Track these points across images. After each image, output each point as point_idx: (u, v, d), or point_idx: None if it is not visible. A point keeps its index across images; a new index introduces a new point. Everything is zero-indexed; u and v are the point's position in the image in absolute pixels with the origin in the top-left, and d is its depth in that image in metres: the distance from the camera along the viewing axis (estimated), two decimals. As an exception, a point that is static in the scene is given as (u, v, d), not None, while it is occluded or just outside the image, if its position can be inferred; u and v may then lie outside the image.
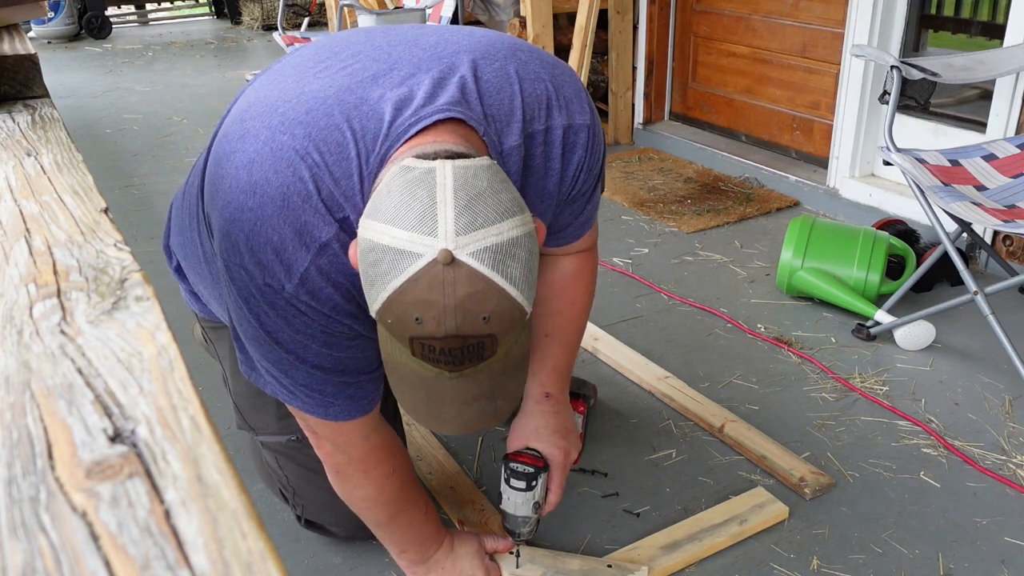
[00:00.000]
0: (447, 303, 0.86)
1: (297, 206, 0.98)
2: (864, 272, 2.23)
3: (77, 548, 0.35)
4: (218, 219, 1.03)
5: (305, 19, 6.22)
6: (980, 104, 2.63)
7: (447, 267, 0.85)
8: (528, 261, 0.91)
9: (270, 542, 0.36)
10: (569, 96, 1.12)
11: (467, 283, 0.86)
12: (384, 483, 1.25)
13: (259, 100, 1.07)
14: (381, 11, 4.03)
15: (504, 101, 1.07)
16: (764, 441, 1.74)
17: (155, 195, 3.36)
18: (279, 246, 0.99)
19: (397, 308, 0.87)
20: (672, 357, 2.10)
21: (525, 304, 0.90)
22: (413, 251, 0.86)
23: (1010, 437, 1.78)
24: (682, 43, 3.67)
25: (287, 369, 1.08)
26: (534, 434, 1.38)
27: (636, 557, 1.46)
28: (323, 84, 1.05)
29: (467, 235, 0.86)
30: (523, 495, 1.35)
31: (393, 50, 1.09)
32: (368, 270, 0.89)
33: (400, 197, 0.89)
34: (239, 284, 1.03)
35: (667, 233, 2.86)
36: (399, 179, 0.91)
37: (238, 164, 1.01)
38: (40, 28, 6.96)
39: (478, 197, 0.88)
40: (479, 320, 0.87)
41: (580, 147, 1.13)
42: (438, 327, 0.87)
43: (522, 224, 0.91)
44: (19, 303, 0.56)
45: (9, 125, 1.02)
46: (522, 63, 1.10)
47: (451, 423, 0.99)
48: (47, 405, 0.45)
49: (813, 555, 1.49)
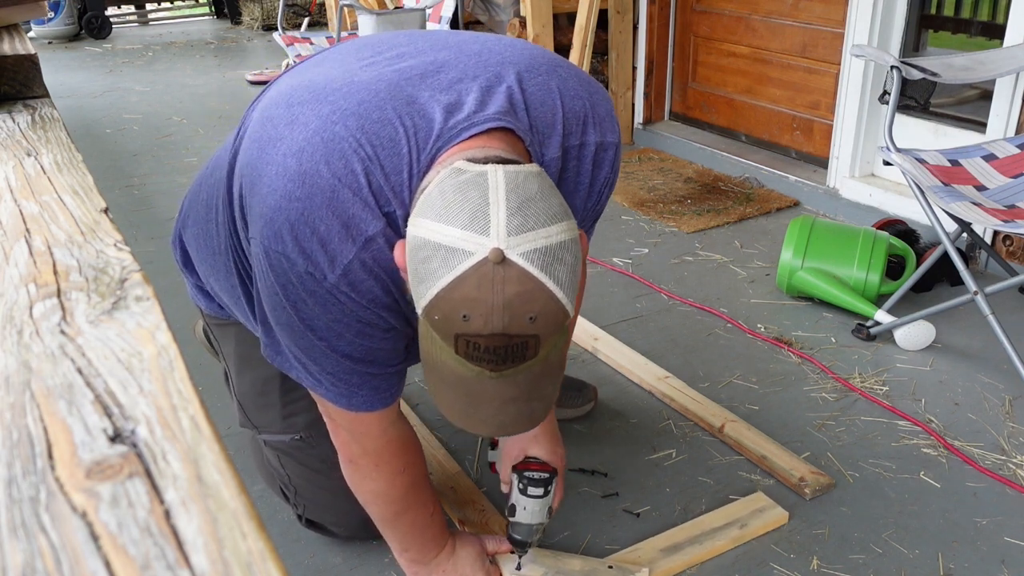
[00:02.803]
0: (496, 301, 0.87)
1: (347, 199, 0.99)
2: (864, 272, 2.23)
3: (77, 548, 0.35)
4: (260, 205, 1.03)
5: (305, 19, 6.21)
6: (980, 104, 2.63)
7: (497, 266, 0.86)
8: (574, 266, 0.92)
9: (270, 542, 0.36)
10: (603, 115, 1.16)
11: (516, 283, 0.87)
12: (395, 479, 1.25)
13: (304, 85, 1.07)
14: (381, 11, 4.02)
15: (547, 114, 1.09)
16: (764, 441, 1.74)
17: (155, 195, 3.36)
18: (325, 237, 0.99)
19: (445, 305, 0.88)
20: (672, 357, 2.10)
21: (569, 308, 0.92)
22: (465, 249, 0.87)
23: (1010, 437, 1.78)
24: (682, 43, 3.67)
25: (317, 357, 1.09)
26: (532, 442, 1.39)
27: (636, 559, 1.46)
28: (372, 76, 1.06)
29: (518, 236, 0.88)
30: (540, 502, 1.36)
31: (438, 54, 1.10)
32: (418, 267, 0.91)
33: (453, 196, 0.90)
34: (278, 271, 1.03)
35: (667, 233, 2.86)
36: (451, 180, 0.92)
37: (286, 151, 1.01)
38: (40, 28, 6.96)
39: (529, 201, 0.90)
40: (526, 320, 0.89)
41: (608, 164, 1.17)
42: (485, 325, 0.88)
43: (569, 230, 0.92)
44: (19, 303, 0.56)
45: (9, 125, 1.02)
46: (563, 79, 1.13)
47: (488, 424, 0.99)
48: (47, 405, 0.45)
49: (813, 555, 1.49)
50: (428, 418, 1.89)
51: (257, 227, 1.04)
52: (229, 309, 1.36)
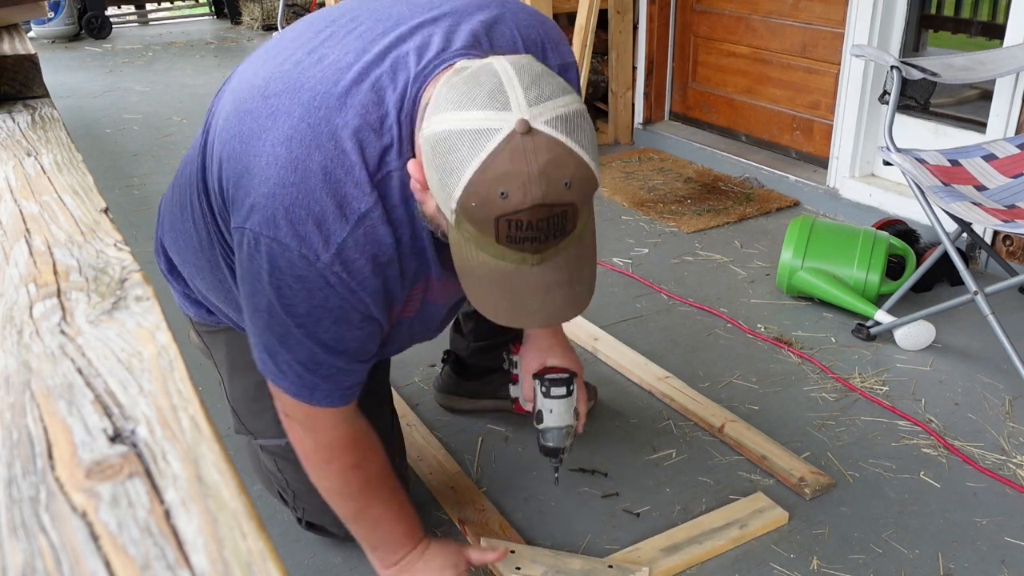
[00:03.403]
0: (531, 171, 0.88)
1: (340, 178, 1.02)
2: (864, 272, 2.23)
3: (77, 548, 0.35)
4: (252, 195, 1.04)
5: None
6: (980, 104, 2.63)
7: (526, 136, 0.88)
8: (592, 134, 0.94)
9: (270, 542, 0.36)
10: (556, 38, 1.21)
11: (547, 150, 0.89)
12: (347, 474, 1.25)
13: (275, 76, 1.09)
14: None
15: (508, 45, 1.13)
16: (764, 441, 1.74)
17: (155, 195, 3.36)
18: (320, 217, 1.02)
19: (481, 187, 0.89)
20: (672, 357, 2.10)
21: (597, 173, 0.94)
22: (491, 127, 0.89)
23: (1010, 437, 1.78)
24: (682, 43, 3.67)
25: (290, 344, 1.10)
26: (548, 351, 1.45)
27: (636, 559, 1.46)
28: (338, 53, 1.08)
29: (539, 105, 0.90)
30: (564, 402, 1.40)
31: (392, 10, 1.13)
32: (444, 160, 0.92)
33: (465, 87, 0.92)
34: (268, 255, 1.04)
35: (667, 233, 2.86)
36: (456, 77, 0.95)
37: (274, 140, 1.03)
38: (40, 28, 6.95)
39: (540, 76, 0.93)
40: (562, 185, 0.90)
41: (574, 83, 1.21)
42: (524, 197, 0.89)
43: (579, 101, 0.95)
44: (19, 303, 0.56)
45: (9, 125, 1.02)
46: (513, 12, 1.17)
47: (537, 315, 1.01)
48: (47, 405, 0.45)
49: (813, 555, 1.49)
50: (428, 418, 1.89)
51: (244, 215, 1.06)
52: (219, 312, 1.36)
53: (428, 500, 1.64)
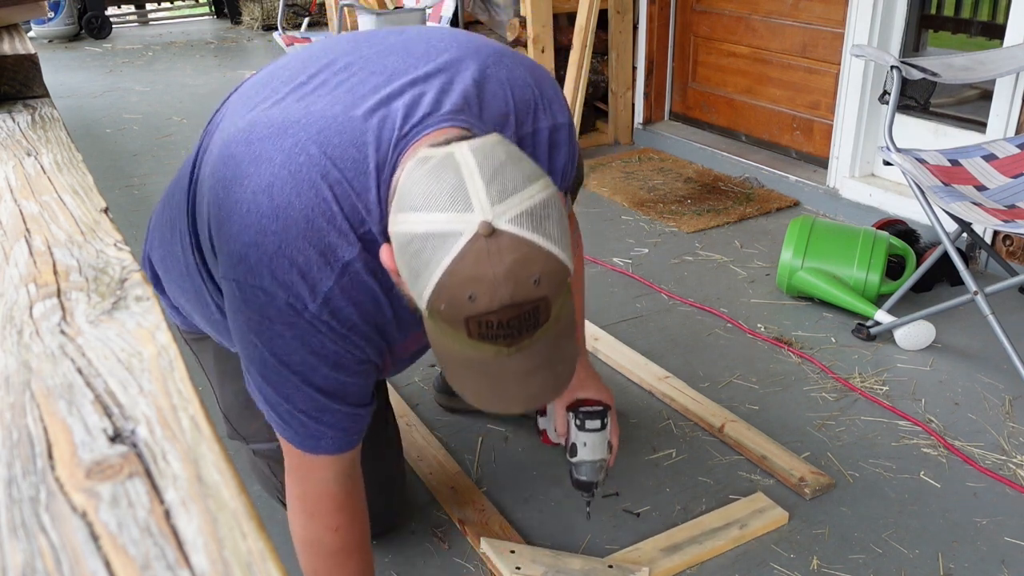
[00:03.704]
0: (497, 273, 0.86)
1: (322, 227, 0.99)
2: (864, 272, 2.23)
3: (77, 548, 0.35)
4: (232, 243, 1.02)
5: (305, 19, 6.21)
6: (980, 104, 2.63)
7: (490, 238, 0.86)
8: (560, 220, 0.92)
9: (270, 542, 0.36)
10: (551, 96, 1.16)
11: (512, 249, 0.87)
12: (324, 534, 1.20)
13: (262, 120, 1.06)
14: (381, 11, 4.03)
15: (499, 107, 1.10)
16: (764, 441, 1.74)
17: (155, 195, 3.36)
18: (304, 267, 0.99)
19: (448, 291, 0.88)
20: (672, 357, 2.10)
21: (567, 262, 0.92)
22: (454, 230, 0.86)
23: (1010, 437, 1.78)
24: (682, 43, 3.67)
25: (289, 393, 1.07)
26: (580, 385, 1.42)
27: (636, 559, 1.46)
28: (327, 102, 1.05)
29: (502, 203, 0.87)
30: (599, 435, 1.39)
31: (386, 60, 1.10)
32: (411, 262, 0.90)
33: (426, 184, 0.90)
34: (254, 306, 1.02)
35: (667, 233, 2.86)
36: (419, 169, 0.92)
37: (255, 188, 1.01)
38: (40, 28, 6.96)
39: (502, 167, 0.90)
40: (531, 284, 0.88)
41: (564, 144, 1.17)
42: (492, 300, 0.87)
43: (547, 186, 0.92)
44: (19, 303, 0.56)
45: (9, 125, 1.02)
46: (509, 69, 1.13)
47: (516, 400, 0.99)
48: (47, 405, 0.45)
49: (813, 555, 1.49)
50: (428, 418, 1.89)
51: (230, 266, 1.03)
52: (203, 326, 1.34)
53: (428, 500, 1.64)
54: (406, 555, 1.52)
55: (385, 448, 1.48)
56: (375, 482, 1.44)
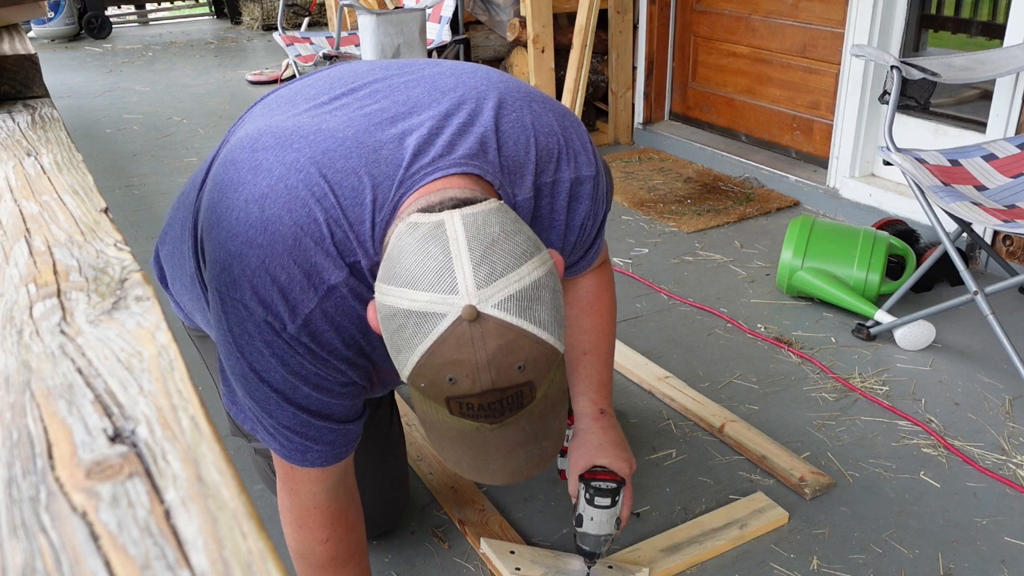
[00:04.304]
0: (479, 359, 0.83)
1: (309, 247, 0.96)
2: (864, 272, 2.23)
3: (77, 548, 0.35)
4: (218, 250, 1.00)
5: (305, 19, 6.21)
6: (980, 104, 2.63)
7: (473, 323, 0.83)
8: (553, 300, 0.88)
9: (270, 542, 0.36)
10: (577, 148, 1.12)
11: (496, 336, 0.83)
12: (315, 546, 1.18)
13: (271, 130, 1.04)
14: (381, 11, 4.02)
15: (520, 153, 1.05)
16: (764, 441, 1.74)
17: (155, 195, 3.36)
18: (286, 285, 0.96)
19: (428, 371, 0.85)
20: (672, 357, 2.10)
21: (557, 345, 0.88)
22: (436, 312, 0.83)
23: (1010, 437, 1.78)
24: (682, 43, 3.67)
25: (272, 409, 1.04)
26: (599, 450, 1.34)
27: (637, 559, 1.46)
28: (340, 123, 1.03)
29: (488, 287, 0.84)
30: (608, 512, 1.34)
31: (412, 91, 1.07)
32: (393, 336, 0.87)
33: (414, 257, 0.86)
34: (234, 319, 0.99)
35: (667, 233, 2.86)
36: (408, 237, 0.88)
37: (248, 197, 0.98)
38: (40, 28, 6.96)
39: (493, 244, 0.86)
40: (514, 370, 0.85)
41: (586, 198, 1.12)
42: (473, 384, 0.85)
43: (541, 264, 0.89)
44: (19, 303, 0.56)
45: (9, 125, 1.02)
46: (537, 114, 1.09)
47: (499, 473, 0.95)
48: (47, 405, 0.45)
49: (813, 555, 1.49)
50: (428, 418, 1.88)
51: (214, 273, 1.01)
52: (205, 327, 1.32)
53: (428, 500, 1.64)
54: (406, 555, 1.52)
55: (388, 448, 1.48)
56: (377, 482, 1.44)
